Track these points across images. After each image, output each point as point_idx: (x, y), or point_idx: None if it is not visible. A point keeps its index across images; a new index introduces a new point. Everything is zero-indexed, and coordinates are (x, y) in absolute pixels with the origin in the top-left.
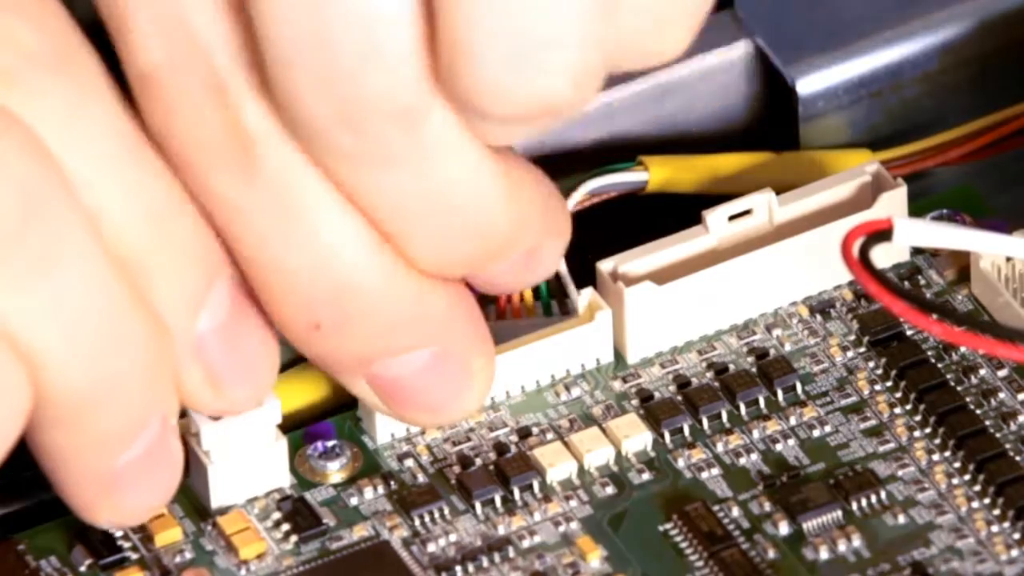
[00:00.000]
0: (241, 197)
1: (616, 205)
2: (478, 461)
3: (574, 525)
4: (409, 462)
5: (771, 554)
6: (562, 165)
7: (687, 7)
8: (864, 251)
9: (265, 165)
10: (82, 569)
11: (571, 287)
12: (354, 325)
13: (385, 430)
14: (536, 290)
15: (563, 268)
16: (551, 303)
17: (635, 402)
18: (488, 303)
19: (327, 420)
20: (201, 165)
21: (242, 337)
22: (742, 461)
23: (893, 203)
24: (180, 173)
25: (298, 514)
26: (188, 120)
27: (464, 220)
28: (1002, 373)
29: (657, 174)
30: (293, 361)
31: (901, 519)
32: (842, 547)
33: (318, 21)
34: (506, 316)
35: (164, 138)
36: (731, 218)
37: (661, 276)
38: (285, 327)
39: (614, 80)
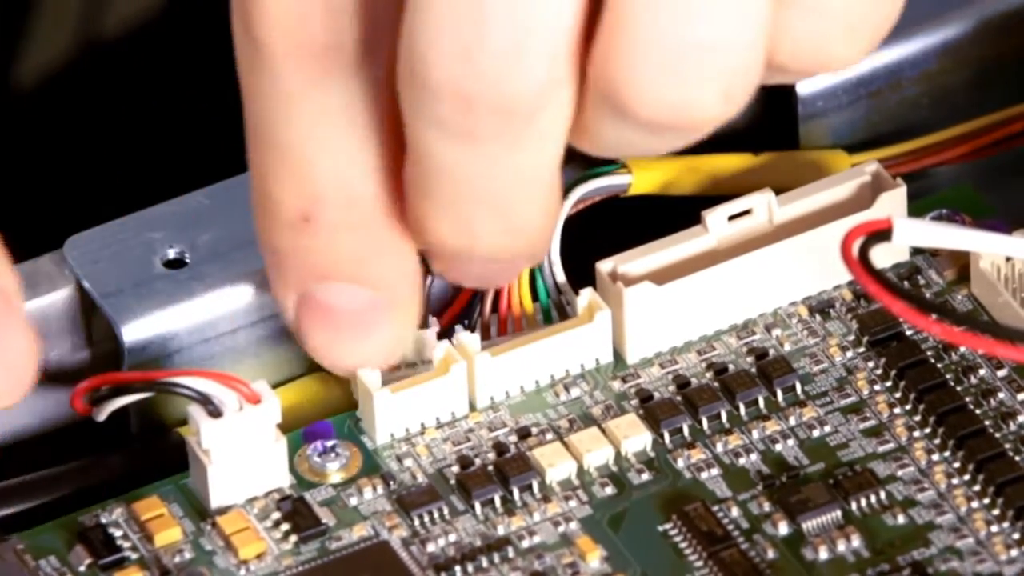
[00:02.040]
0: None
1: (615, 206)
2: (477, 461)
3: (573, 525)
4: (408, 462)
5: (770, 554)
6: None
7: (879, 11)
8: (864, 251)
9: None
10: (81, 569)
11: (571, 294)
12: (339, 236)
13: (385, 430)
14: (536, 298)
15: (562, 277)
16: (551, 311)
17: (634, 402)
18: (491, 312)
19: (327, 420)
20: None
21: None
22: (741, 461)
23: (892, 203)
24: None
25: (297, 514)
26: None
27: (503, 214)
28: (1001, 373)
29: (648, 176)
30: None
31: (901, 519)
32: (841, 547)
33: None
34: (507, 327)
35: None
36: (730, 218)
37: (660, 276)
38: (275, 210)
39: None
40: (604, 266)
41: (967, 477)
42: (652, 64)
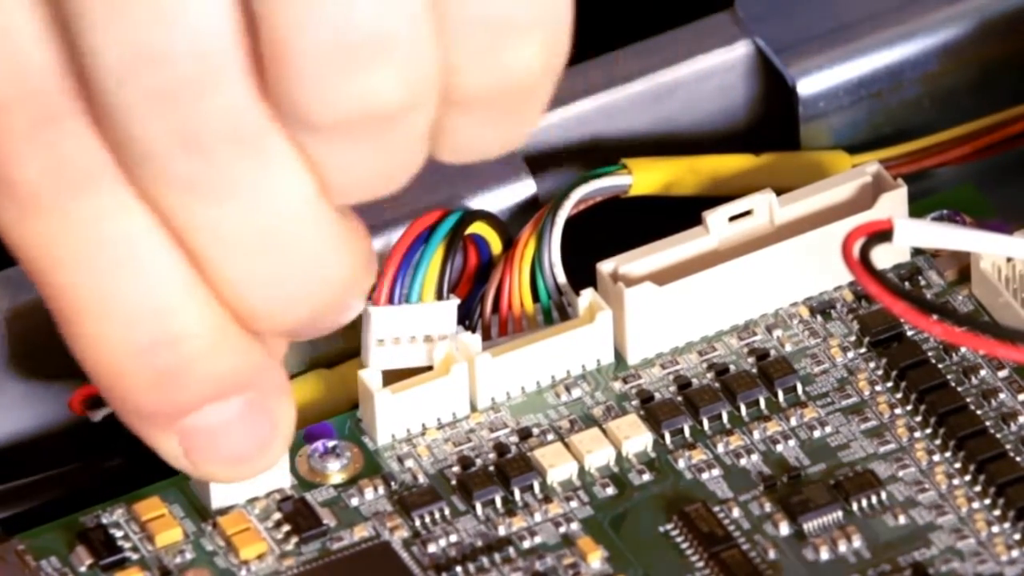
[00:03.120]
0: (65, 236)
1: (616, 206)
2: (478, 462)
3: (575, 526)
4: (410, 463)
5: (771, 555)
6: (562, 165)
7: (540, 16)
8: (865, 252)
9: (96, 203)
10: (82, 569)
11: (571, 295)
12: (186, 374)
13: (386, 431)
14: (537, 298)
15: (563, 278)
16: (552, 311)
17: (635, 403)
18: (492, 313)
19: (327, 421)
20: (26, 203)
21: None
22: (743, 462)
23: (893, 204)
24: None
25: (299, 515)
26: (16, 157)
27: (295, 264)
28: (1002, 374)
29: (649, 177)
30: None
31: (902, 520)
32: (842, 548)
33: (149, 36)
34: (508, 328)
35: (1, 186)
36: (731, 219)
37: (661, 277)
38: (106, 375)
39: (614, 80)
40: (605, 267)
41: (968, 478)
42: (314, 66)
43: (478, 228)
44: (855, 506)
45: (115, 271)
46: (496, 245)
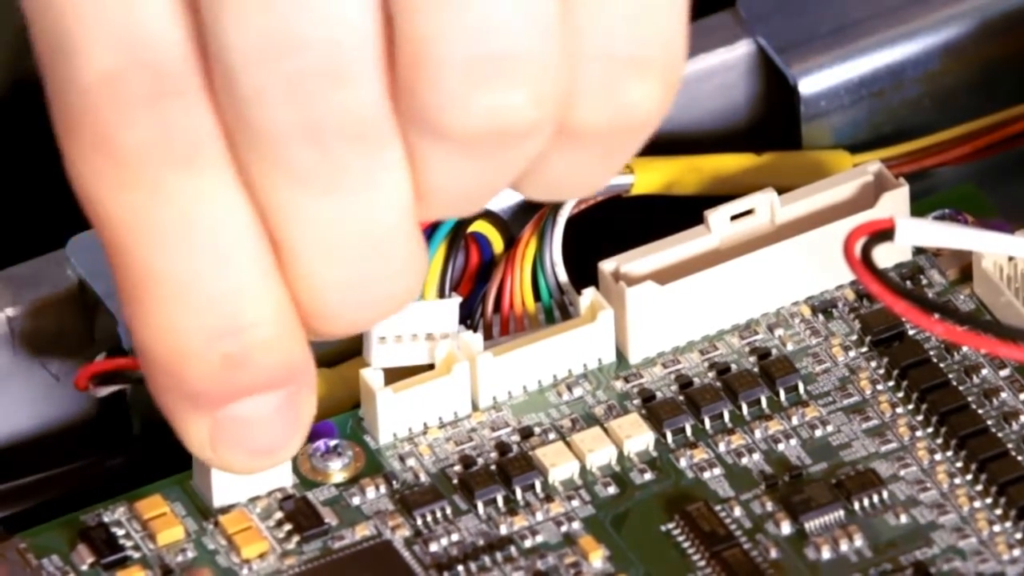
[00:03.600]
0: (157, 210)
1: (618, 205)
2: (480, 461)
3: (576, 525)
4: (411, 462)
5: (773, 554)
6: None
7: (663, 56)
8: (866, 251)
9: (196, 182)
10: (83, 568)
11: (573, 294)
12: (248, 363)
13: (388, 430)
14: (538, 297)
15: (564, 277)
16: (553, 310)
17: (637, 402)
18: (494, 312)
19: (329, 419)
20: (125, 171)
21: None
22: (744, 461)
23: (895, 203)
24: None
25: (300, 513)
26: (127, 122)
27: (374, 272)
28: (1004, 373)
29: (651, 176)
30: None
31: (903, 519)
32: (844, 547)
33: (286, 22)
34: (509, 327)
35: (104, 150)
36: (733, 218)
37: (663, 276)
38: (167, 355)
39: None
40: (606, 266)
41: (969, 477)
42: (452, 76)
43: (480, 226)
44: (856, 505)
45: (198, 251)
46: (498, 244)
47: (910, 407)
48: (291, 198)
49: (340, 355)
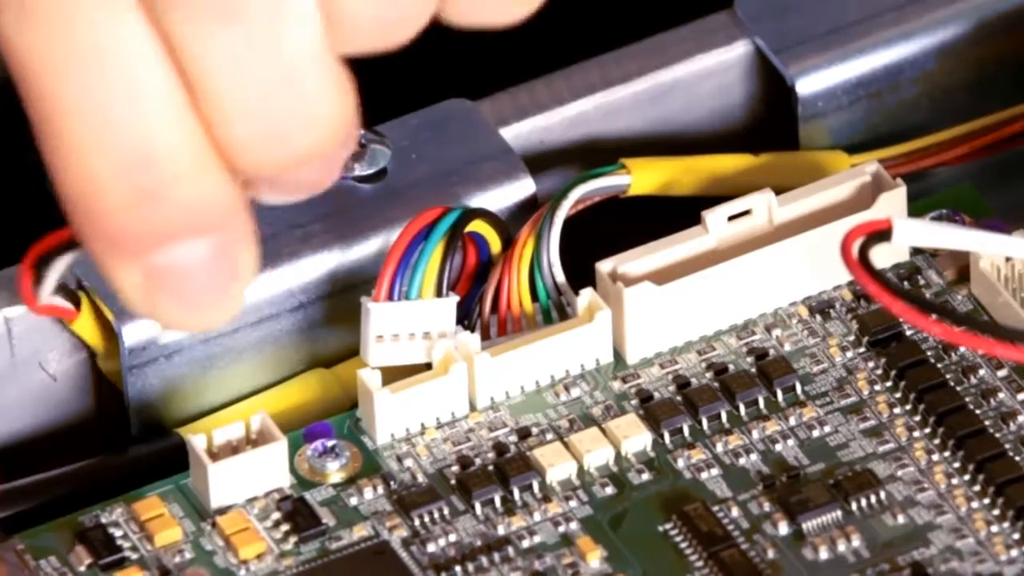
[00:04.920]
0: (63, 41)
1: (615, 206)
2: (478, 461)
3: (574, 525)
4: (409, 462)
5: (771, 554)
6: (561, 165)
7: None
8: (864, 251)
9: (100, 13)
10: (81, 569)
11: (570, 294)
12: (164, 197)
13: (385, 430)
14: (536, 298)
15: (562, 277)
16: (551, 311)
17: (635, 402)
18: (491, 312)
19: (327, 420)
20: (29, 7)
21: None
22: (741, 461)
23: (892, 203)
24: None
25: (298, 514)
26: None
27: (288, 99)
28: (1001, 373)
29: (648, 177)
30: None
31: (901, 519)
32: (842, 547)
33: None
34: (507, 327)
35: None
36: (730, 218)
37: (660, 276)
38: (104, 191)
39: (613, 80)
40: (604, 266)
41: (967, 477)
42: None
43: (478, 226)
44: (854, 505)
45: (108, 82)
46: (495, 244)
47: (908, 407)
48: (192, 26)
49: (338, 355)
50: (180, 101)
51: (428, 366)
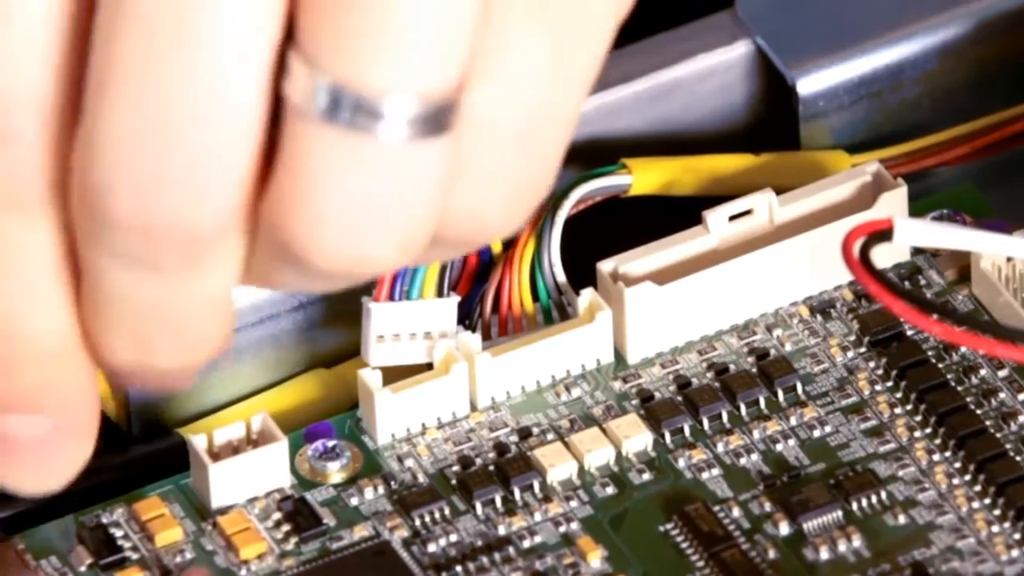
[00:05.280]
0: None
1: (616, 206)
2: (478, 461)
3: (574, 525)
4: (409, 462)
5: (771, 554)
6: (561, 164)
7: (536, 186)
8: (864, 251)
9: (10, 216)
10: (82, 569)
11: (571, 294)
12: (15, 371)
13: (386, 430)
14: (537, 298)
15: (563, 277)
16: (551, 311)
17: (635, 402)
18: (492, 312)
19: (327, 420)
20: None
21: None
22: (742, 461)
23: (893, 203)
24: None
25: (298, 514)
26: None
27: (182, 335)
28: (1002, 373)
29: (649, 177)
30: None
31: (901, 519)
32: (842, 547)
33: (163, 122)
34: (508, 327)
35: None
36: (731, 218)
37: (661, 276)
38: None
39: (613, 80)
40: (605, 266)
41: (968, 477)
42: (330, 219)
43: None
44: (855, 506)
45: None
46: (496, 244)
47: (908, 407)
48: (110, 264)
49: (339, 355)
50: (61, 297)
51: (429, 366)
